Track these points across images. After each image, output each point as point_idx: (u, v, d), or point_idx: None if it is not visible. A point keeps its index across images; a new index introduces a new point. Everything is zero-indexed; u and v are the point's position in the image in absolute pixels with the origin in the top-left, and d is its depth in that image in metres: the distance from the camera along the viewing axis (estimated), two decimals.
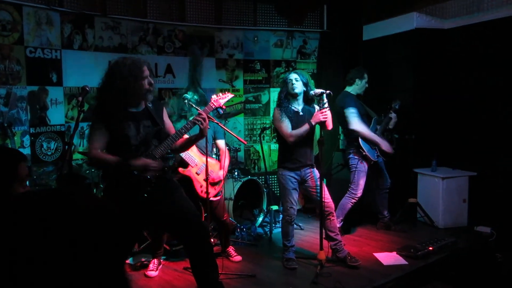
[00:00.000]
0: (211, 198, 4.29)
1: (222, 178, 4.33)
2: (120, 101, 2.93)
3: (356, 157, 4.97)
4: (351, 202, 4.97)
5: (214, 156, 4.64)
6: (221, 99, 3.44)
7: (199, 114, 3.15)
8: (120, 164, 2.88)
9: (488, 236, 5.03)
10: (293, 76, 4.20)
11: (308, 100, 4.29)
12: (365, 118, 5.13)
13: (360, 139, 4.92)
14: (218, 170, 4.33)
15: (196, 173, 4.23)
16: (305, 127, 4.07)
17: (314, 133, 4.42)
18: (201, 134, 3.16)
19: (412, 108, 5.75)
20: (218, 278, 3.27)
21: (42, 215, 0.76)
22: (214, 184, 4.27)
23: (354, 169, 4.97)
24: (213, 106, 3.40)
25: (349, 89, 5.18)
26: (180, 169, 4.17)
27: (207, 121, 3.17)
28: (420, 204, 5.53)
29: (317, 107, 4.23)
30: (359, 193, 4.95)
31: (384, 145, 4.98)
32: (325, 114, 4.00)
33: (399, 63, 6.04)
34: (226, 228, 4.47)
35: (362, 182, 4.95)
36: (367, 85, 5.16)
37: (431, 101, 5.84)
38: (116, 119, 2.93)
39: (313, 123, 4.05)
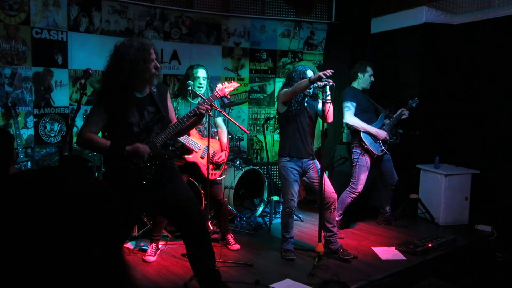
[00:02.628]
0: (217, 179, 4.34)
1: (225, 158, 4.35)
2: (127, 85, 2.86)
3: (358, 150, 4.95)
4: (351, 197, 4.96)
5: (212, 135, 4.61)
6: (226, 88, 3.41)
7: (201, 105, 3.13)
8: (111, 148, 2.85)
9: (489, 235, 5.02)
10: (310, 74, 4.12)
11: (314, 95, 4.26)
12: (372, 113, 5.09)
13: (361, 133, 4.90)
14: (220, 151, 4.34)
15: (201, 157, 4.22)
16: (305, 81, 3.95)
17: (316, 124, 4.39)
18: (199, 120, 3.17)
19: (418, 104, 5.70)
20: (214, 266, 3.27)
21: (37, 196, 0.75)
22: (219, 165, 4.29)
23: (356, 163, 4.95)
24: (218, 95, 3.39)
25: (354, 84, 5.16)
26: (186, 156, 4.16)
27: (209, 111, 3.17)
28: (422, 200, 5.51)
29: (320, 104, 4.19)
30: (360, 188, 4.93)
31: (380, 135, 4.94)
32: (327, 71, 3.83)
33: (406, 57, 5.98)
34: (223, 210, 4.46)
35: (363, 177, 4.93)
36: (372, 79, 5.11)
37: (437, 97, 5.79)
38: (120, 104, 2.87)
39: (312, 79, 3.87)
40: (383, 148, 5.01)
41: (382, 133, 4.95)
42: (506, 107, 5.23)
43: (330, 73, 3.81)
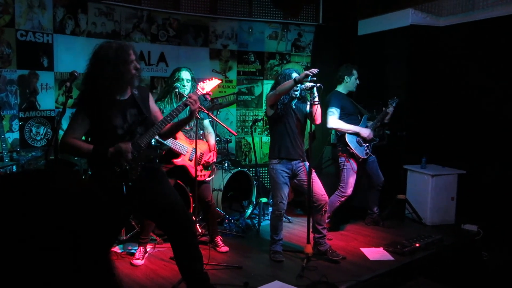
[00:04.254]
0: (207, 179, 4.35)
1: (214, 158, 4.35)
2: (108, 88, 2.82)
3: (344, 154, 4.97)
4: (340, 201, 4.98)
5: (200, 137, 4.60)
6: (207, 85, 3.42)
7: (189, 96, 3.12)
8: (94, 152, 2.81)
9: (475, 234, 5.07)
10: (296, 76, 4.15)
11: (302, 97, 4.27)
12: (356, 116, 5.12)
13: (347, 136, 4.92)
14: (208, 151, 4.33)
15: (189, 159, 4.20)
16: (290, 82, 3.96)
17: (306, 126, 4.41)
18: (191, 116, 3.13)
19: (404, 105, 5.75)
20: (202, 268, 3.26)
21: (22, 197, 0.74)
22: (208, 166, 4.29)
23: (343, 167, 4.97)
24: (199, 93, 3.39)
25: (339, 88, 5.14)
26: (174, 160, 4.15)
27: (198, 102, 3.14)
28: (409, 200, 5.55)
29: (308, 107, 4.21)
30: (349, 191, 4.95)
31: (364, 132, 4.96)
32: (312, 70, 3.84)
33: (393, 59, 6.03)
34: (212, 212, 4.45)
35: (351, 181, 4.95)
36: (357, 82, 5.12)
37: (424, 98, 5.85)
38: (103, 108, 2.83)
39: (297, 79, 3.89)
40: (368, 151, 5.04)
41: (366, 131, 4.97)
42: (491, 108, 5.30)
43: (315, 72, 3.83)
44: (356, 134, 4.96)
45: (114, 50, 2.80)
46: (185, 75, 4.19)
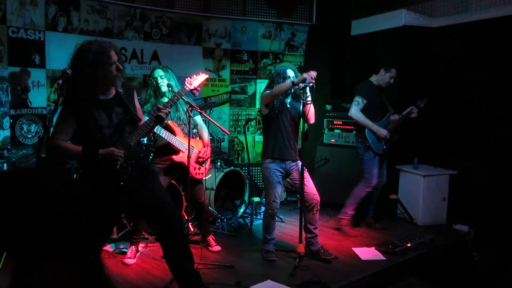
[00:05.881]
0: (204, 177, 4.37)
1: (209, 153, 4.35)
2: (89, 90, 2.79)
3: (361, 146, 5.01)
4: (365, 191, 5.00)
5: (193, 136, 4.60)
6: (194, 80, 3.42)
7: (159, 109, 3.03)
8: (83, 154, 2.79)
9: (466, 234, 5.11)
10: (291, 73, 4.16)
11: (296, 96, 4.27)
12: (381, 111, 5.11)
13: (366, 130, 4.95)
14: (203, 147, 4.33)
15: (188, 157, 4.19)
16: (287, 84, 3.98)
17: (299, 126, 4.41)
18: (160, 123, 3.13)
19: (397, 105, 5.77)
20: (193, 267, 3.25)
21: (11, 195, 0.73)
22: (204, 162, 4.30)
23: (362, 158, 5.02)
24: (187, 89, 3.40)
25: (372, 78, 5.14)
26: (174, 157, 4.13)
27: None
28: (401, 200, 5.57)
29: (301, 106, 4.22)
30: (374, 181, 4.98)
31: (381, 133, 4.96)
32: (311, 74, 3.87)
33: (386, 59, 6.03)
34: (205, 212, 4.45)
35: (375, 171, 4.98)
36: (391, 81, 5.07)
37: (416, 99, 5.86)
38: (86, 109, 2.79)
39: (296, 81, 3.92)
40: (384, 148, 5.04)
41: (382, 132, 4.97)
42: (483, 109, 5.33)
43: (315, 75, 3.85)
44: (373, 133, 4.98)
45: (93, 52, 2.74)
46: (157, 73, 4.22)
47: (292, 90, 4.16)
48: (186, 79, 3.46)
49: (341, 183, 5.82)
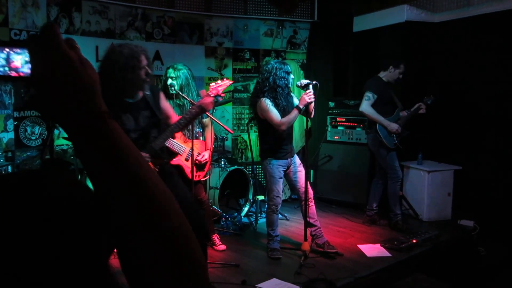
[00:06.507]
0: (202, 180, 4.36)
1: (208, 158, 4.32)
2: (117, 93, 2.80)
3: (374, 142, 5.04)
4: (397, 185, 5.07)
5: (196, 136, 4.58)
6: (219, 86, 3.32)
7: (204, 103, 3.07)
8: None
9: (471, 229, 5.09)
10: (289, 68, 4.18)
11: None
12: (390, 107, 5.13)
13: (377, 125, 4.96)
14: (204, 151, 4.32)
15: (185, 159, 4.19)
16: (295, 112, 4.02)
17: (300, 122, 4.42)
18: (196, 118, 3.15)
19: (400, 101, 5.75)
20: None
21: (17, 199, 0.73)
22: (203, 166, 4.27)
23: (378, 155, 5.07)
24: (212, 94, 3.32)
25: (381, 74, 5.17)
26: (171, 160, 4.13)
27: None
28: (406, 196, 5.56)
29: (295, 99, 4.22)
30: (400, 173, 5.07)
31: (392, 128, 4.97)
32: (310, 95, 3.92)
33: (388, 55, 6.02)
34: (206, 209, 4.44)
35: (396, 164, 5.05)
36: (400, 76, 5.11)
37: (419, 95, 5.84)
38: (113, 112, 2.80)
39: (301, 107, 3.97)
40: (397, 142, 5.04)
41: (393, 126, 4.98)
42: (487, 104, 5.31)
43: (313, 100, 3.92)
44: (384, 128, 4.98)
45: (125, 55, 2.76)
46: (169, 73, 4.26)
47: (290, 85, 4.20)
48: (211, 84, 3.35)
49: (345, 180, 5.82)
